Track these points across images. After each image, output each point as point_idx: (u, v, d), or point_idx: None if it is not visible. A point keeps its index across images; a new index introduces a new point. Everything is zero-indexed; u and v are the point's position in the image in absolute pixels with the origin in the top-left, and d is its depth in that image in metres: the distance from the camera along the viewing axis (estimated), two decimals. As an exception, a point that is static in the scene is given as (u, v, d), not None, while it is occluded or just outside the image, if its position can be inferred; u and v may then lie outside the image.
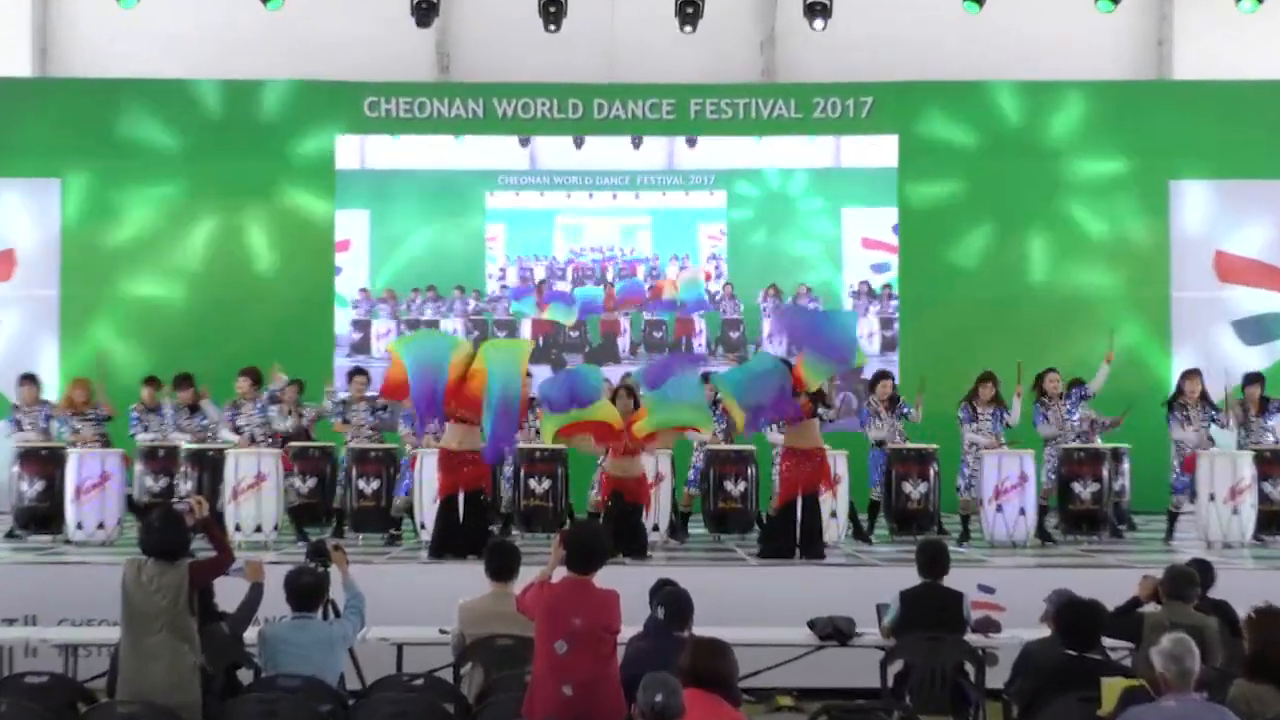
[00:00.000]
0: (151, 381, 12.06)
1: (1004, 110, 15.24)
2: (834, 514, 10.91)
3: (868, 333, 14.77)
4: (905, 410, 11.62)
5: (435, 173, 15.26)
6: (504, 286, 15.37)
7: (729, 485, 11.25)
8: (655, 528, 10.82)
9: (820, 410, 10.27)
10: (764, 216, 15.39)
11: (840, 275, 15.29)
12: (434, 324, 15.17)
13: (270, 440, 11.51)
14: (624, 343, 15.40)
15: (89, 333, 14.89)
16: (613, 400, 10.32)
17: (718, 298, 15.29)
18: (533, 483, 11.10)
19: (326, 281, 15.12)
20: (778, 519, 10.27)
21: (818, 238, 15.33)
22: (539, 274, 15.32)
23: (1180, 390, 11.49)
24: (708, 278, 14.88)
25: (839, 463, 10.96)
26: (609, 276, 15.52)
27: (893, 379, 11.92)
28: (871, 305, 15.13)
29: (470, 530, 9.86)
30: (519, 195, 15.42)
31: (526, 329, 15.41)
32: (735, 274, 15.30)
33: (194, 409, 11.77)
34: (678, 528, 11.53)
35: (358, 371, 12.01)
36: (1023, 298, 14.97)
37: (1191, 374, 11.54)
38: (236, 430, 11.54)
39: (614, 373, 14.29)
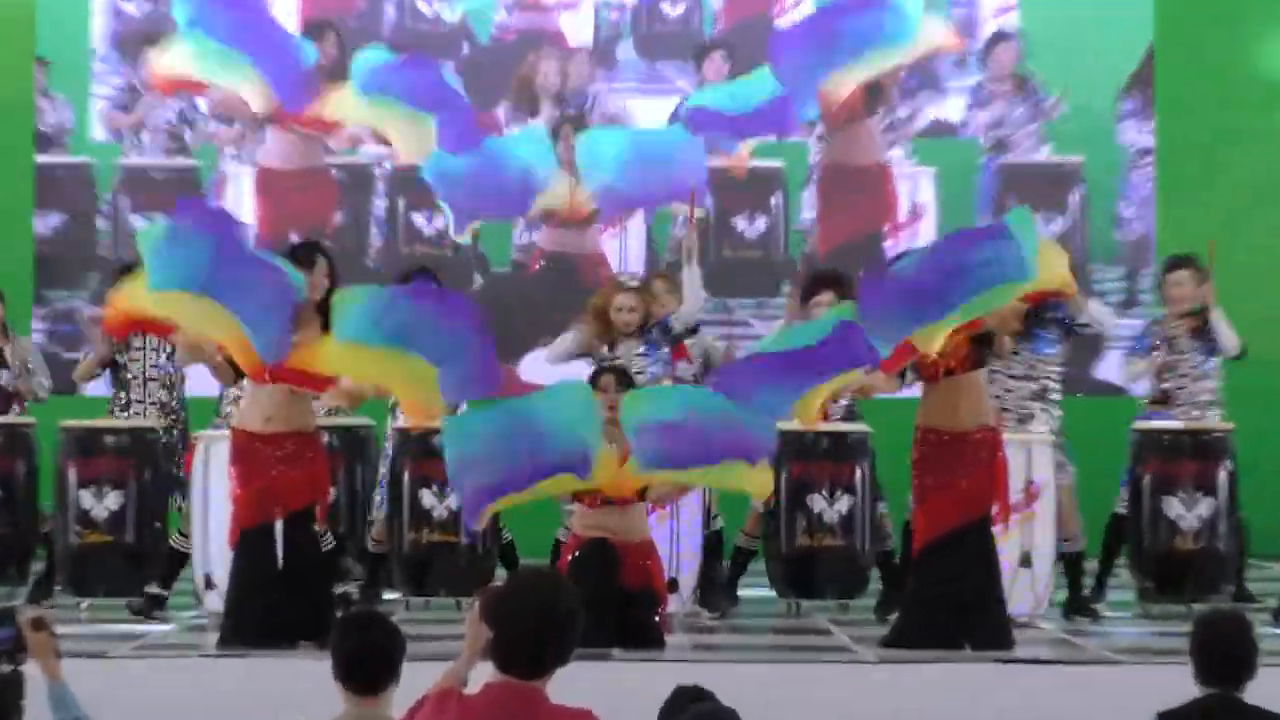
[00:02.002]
0: None
1: None
2: (1027, 560, 11.11)
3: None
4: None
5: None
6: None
7: (817, 501, 11.37)
8: (673, 585, 10.95)
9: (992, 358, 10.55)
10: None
11: None
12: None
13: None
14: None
15: None
16: (593, 383, 10.58)
17: None
18: (428, 495, 11.31)
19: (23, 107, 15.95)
20: (918, 570, 10.40)
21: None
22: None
23: None
24: None
25: (1036, 460, 11.10)
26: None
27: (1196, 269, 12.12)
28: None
29: (301, 592, 9.96)
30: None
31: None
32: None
33: None
34: (716, 585, 11.70)
35: None
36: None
37: None
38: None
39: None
